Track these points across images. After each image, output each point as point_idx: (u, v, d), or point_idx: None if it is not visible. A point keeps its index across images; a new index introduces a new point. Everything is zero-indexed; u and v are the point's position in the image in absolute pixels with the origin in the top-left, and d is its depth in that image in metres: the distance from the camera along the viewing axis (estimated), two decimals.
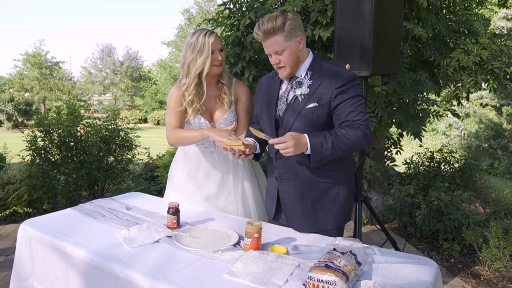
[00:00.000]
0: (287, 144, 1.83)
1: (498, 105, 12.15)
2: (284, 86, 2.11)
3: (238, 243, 1.86)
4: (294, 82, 2.05)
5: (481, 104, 12.98)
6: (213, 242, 1.86)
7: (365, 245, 1.81)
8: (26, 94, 23.15)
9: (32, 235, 2.05)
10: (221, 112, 2.42)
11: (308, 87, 2.00)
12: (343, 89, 1.93)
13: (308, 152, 1.89)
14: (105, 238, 1.93)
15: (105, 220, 2.17)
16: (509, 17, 11.34)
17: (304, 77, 2.02)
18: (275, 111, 2.10)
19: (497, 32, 4.44)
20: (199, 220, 2.21)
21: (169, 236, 1.93)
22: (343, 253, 1.56)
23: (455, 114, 4.95)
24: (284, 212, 2.17)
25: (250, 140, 2.19)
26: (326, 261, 1.45)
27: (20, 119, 19.74)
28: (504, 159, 10.24)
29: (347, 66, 2.79)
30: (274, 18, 1.92)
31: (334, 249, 1.61)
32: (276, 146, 1.88)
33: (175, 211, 2.05)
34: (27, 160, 4.72)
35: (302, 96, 2.01)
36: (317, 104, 1.97)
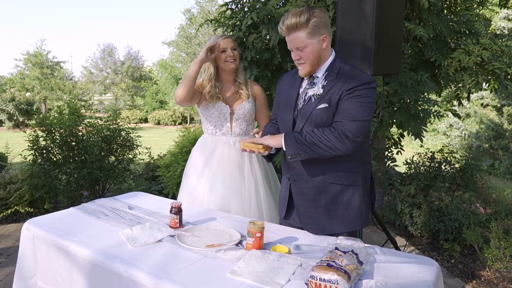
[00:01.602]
0: (260, 147, 2.00)
1: (498, 105, 12.15)
2: (304, 84, 2.08)
3: (240, 242, 1.87)
4: (309, 82, 2.03)
5: (481, 104, 12.97)
6: (216, 242, 1.87)
7: (366, 244, 1.82)
8: (27, 94, 23.15)
9: (35, 234, 2.06)
10: (239, 102, 2.69)
11: (322, 88, 1.97)
12: (352, 90, 1.90)
13: (284, 146, 1.94)
14: (108, 238, 1.94)
15: (108, 220, 2.18)
16: (510, 17, 11.33)
17: (320, 77, 2.00)
18: (294, 110, 2.07)
19: (498, 33, 4.45)
20: (201, 219, 2.22)
21: (172, 236, 1.94)
22: (345, 252, 1.57)
23: (455, 114, 4.95)
24: (297, 214, 2.13)
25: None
26: (328, 260, 1.46)
27: (21, 119, 19.75)
28: (504, 160, 10.24)
29: None
30: (299, 14, 1.90)
31: (336, 248, 1.62)
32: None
33: (177, 210, 2.06)
34: (29, 160, 4.73)
35: (315, 97, 1.98)
36: (327, 105, 1.95)
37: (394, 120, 3.87)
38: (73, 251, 1.86)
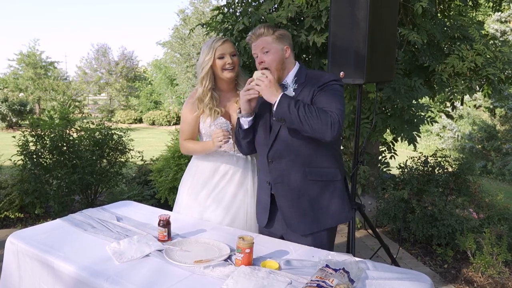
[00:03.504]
0: (265, 78, 1.98)
1: (491, 106, 12.19)
2: None
3: (229, 257, 1.83)
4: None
5: (474, 105, 13.01)
6: (204, 256, 1.83)
7: (358, 259, 1.79)
8: (21, 94, 22.91)
9: (19, 248, 2.01)
10: None
11: (293, 91, 2.12)
12: (323, 87, 2.05)
13: (275, 105, 1.96)
14: (94, 252, 1.90)
15: (95, 232, 2.13)
16: (503, 19, 11.37)
17: (290, 82, 2.15)
18: (269, 119, 2.18)
19: (491, 33, 4.43)
20: (191, 231, 2.18)
21: (160, 250, 1.89)
22: (336, 270, 1.54)
23: (448, 116, 4.95)
24: (282, 216, 2.17)
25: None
26: (318, 281, 1.43)
27: (14, 120, 19.56)
28: (497, 161, 10.27)
29: (342, 73, 2.76)
30: (266, 26, 2.16)
31: (327, 266, 1.59)
32: (256, 77, 2.01)
33: (165, 223, 2.01)
34: (19, 165, 4.66)
35: None
36: None
37: (388, 126, 3.84)
38: (57, 266, 1.82)
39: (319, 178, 2.12)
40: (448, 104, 4.57)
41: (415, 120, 3.69)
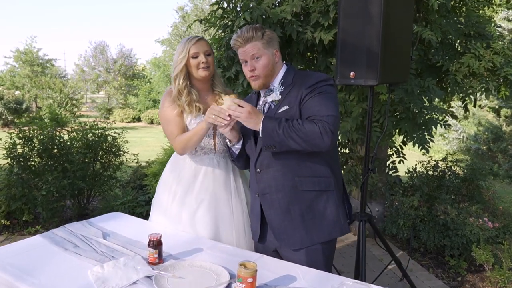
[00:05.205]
0: (243, 109, 1.83)
1: (496, 107, 11.91)
2: (260, 101, 2.09)
3: (228, 286, 1.59)
4: (267, 91, 2.05)
5: (479, 105, 12.73)
6: (200, 285, 1.58)
7: (374, 286, 1.55)
8: (17, 92, 22.62)
9: None
10: None
11: (280, 94, 1.99)
12: (313, 88, 1.90)
13: (260, 133, 1.85)
14: (74, 278, 1.66)
15: (77, 252, 1.89)
16: (510, 18, 11.10)
17: (277, 86, 2.02)
18: None
19: (499, 32, 4.17)
20: (185, 251, 1.94)
21: (149, 276, 1.65)
22: None
23: (453, 116, 4.71)
24: (272, 231, 2.02)
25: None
26: None
27: (10, 118, 19.29)
28: (504, 163, 10.03)
29: (352, 73, 2.52)
30: (254, 28, 1.98)
31: None
32: (231, 110, 1.84)
33: (156, 244, 1.77)
34: (5, 169, 4.41)
35: (274, 103, 2.00)
36: (288, 107, 1.94)
37: (399, 129, 3.58)
38: None
39: (311, 188, 1.95)
40: (453, 104, 4.33)
41: (428, 124, 3.44)
